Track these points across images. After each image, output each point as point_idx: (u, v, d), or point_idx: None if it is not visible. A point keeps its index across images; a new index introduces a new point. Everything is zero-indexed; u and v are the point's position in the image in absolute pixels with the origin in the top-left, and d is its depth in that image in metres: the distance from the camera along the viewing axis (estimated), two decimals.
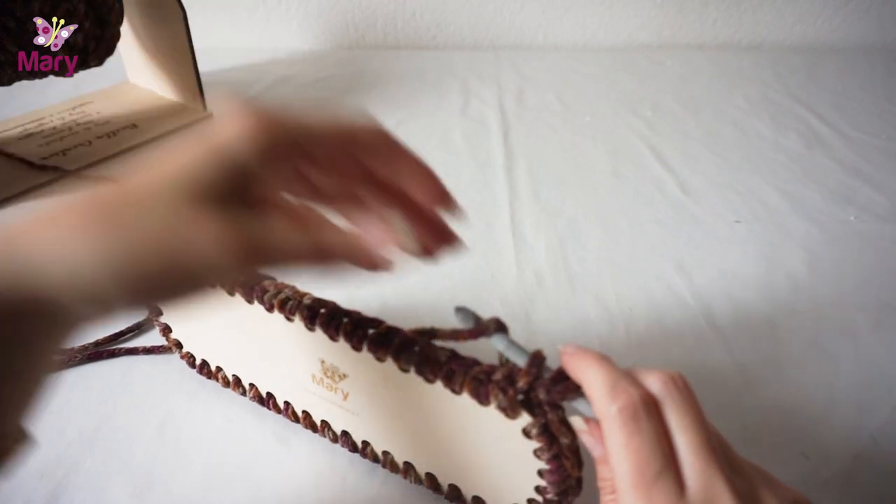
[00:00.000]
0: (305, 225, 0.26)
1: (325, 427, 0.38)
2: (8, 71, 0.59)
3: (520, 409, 0.28)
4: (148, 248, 0.22)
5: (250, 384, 0.40)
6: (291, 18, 1.01)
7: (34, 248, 0.22)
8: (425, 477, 0.36)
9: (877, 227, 0.59)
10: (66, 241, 0.22)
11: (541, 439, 0.28)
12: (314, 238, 0.26)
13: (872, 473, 0.38)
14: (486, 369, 0.29)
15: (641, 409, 0.25)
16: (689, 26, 1.02)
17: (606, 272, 0.54)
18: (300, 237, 0.25)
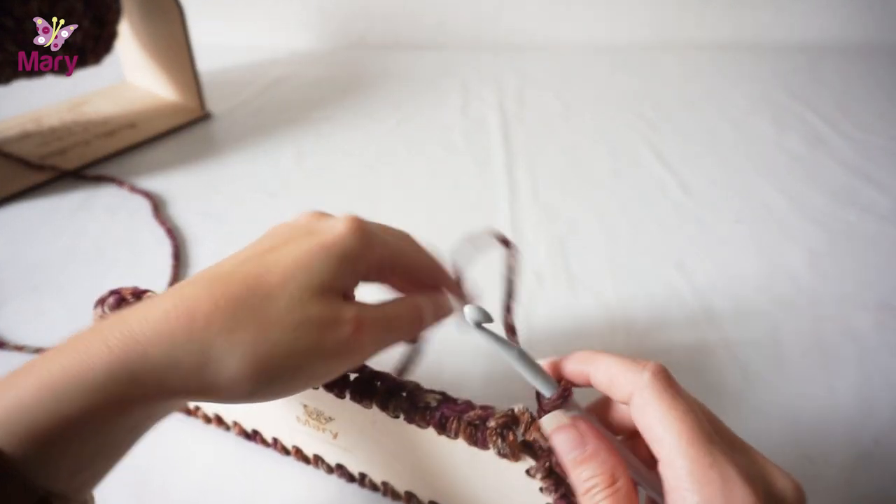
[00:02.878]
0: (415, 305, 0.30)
1: (318, 460, 0.37)
2: (7, 70, 0.59)
3: (521, 454, 0.27)
4: (289, 346, 0.25)
5: (234, 422, 0.39)
6: (291, 18, 1.01)
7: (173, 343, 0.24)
8: (404, 494, 0.35)
9: (878, 227, 0.59)
10: (214, 347, 0.24)
11: (547, 481, 0.27)
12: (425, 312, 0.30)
13: (875, 474, 0.38)
14: (481, 414, 0.28)
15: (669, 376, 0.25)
16: (690, 26, 1.02)
17: (606, 272, 0.54)
18: (416, 313, 0.30)
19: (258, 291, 0.25)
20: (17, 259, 0.55)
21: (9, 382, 0.23)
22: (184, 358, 0.24)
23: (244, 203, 0.62)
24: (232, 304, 0.25)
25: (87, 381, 0.23)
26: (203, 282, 0.26)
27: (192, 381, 0.24)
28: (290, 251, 0.27)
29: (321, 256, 0.27)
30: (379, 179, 0.67)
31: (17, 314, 0.49)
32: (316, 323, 0.26)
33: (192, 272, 0.53)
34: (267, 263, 0.27)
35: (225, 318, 0.24)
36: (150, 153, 0.70)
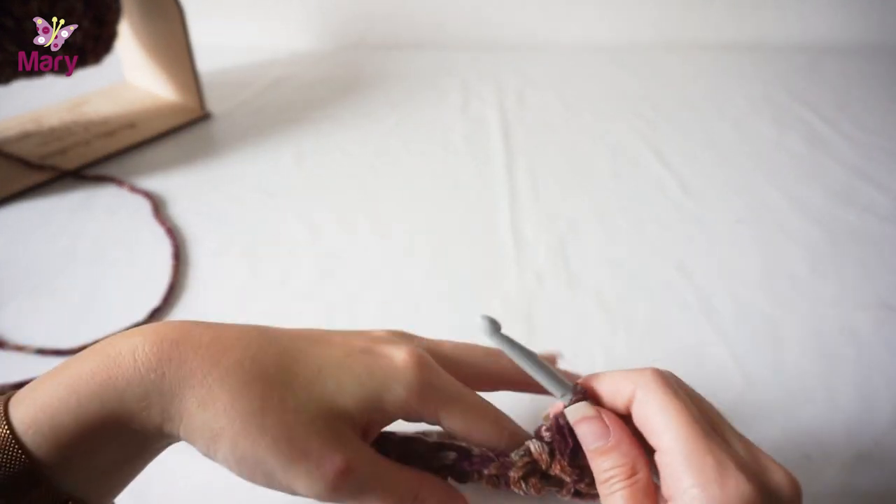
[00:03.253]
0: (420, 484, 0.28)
1: None
2: (7, 70, 0.59)
3: (545, 488, 0.27)
4: (272, 440, 0.24)
5: None
6: (291, 18, 1.01)
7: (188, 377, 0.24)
8: None
9: (878, 227, 0.59)
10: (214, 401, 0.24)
11: (574, 500, 0.27)
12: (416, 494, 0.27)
13: (874, 474, 0.38)
14: (500, 465, 0.28)
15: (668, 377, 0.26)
16: (690, 26, 1.01)
17: (606, 272, 0.54)
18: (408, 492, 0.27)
19: (283, 376, 0.25)
20: (17, 259, 0.55)
21: (43, 382, 0.24)
22: (189, 398, 0.24)
23: (244, 203, 0.62)
24: (254, 371, 0.25)
25: (109, 389, 0.23)
26: (246, 335, 0.26)
27: (186, 421, 0.24)
28: (336, 355, 0.27)
29: (361, 379, 0.26)
30: (379, 179, 0.67)
31: (17, 314, 0.49)
32: (304, 443, 0.24)
33: (192, 272, 0.54)
34: (308, 353, 0.26)
35: (239, 381, 0.24)
36: (150, 153, 0.70)
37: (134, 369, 0.24)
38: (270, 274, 0.53)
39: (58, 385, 0.23)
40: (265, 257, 0.55)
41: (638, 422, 0.25)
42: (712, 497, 0.22)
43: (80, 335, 0.47)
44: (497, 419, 0.29)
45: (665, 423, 0.24)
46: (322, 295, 0.51)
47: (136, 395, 0.24)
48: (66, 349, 0.46)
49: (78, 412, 0.23)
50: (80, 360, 0.24)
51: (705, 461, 0.23)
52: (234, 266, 0.54)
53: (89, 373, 0.24)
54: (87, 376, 0.24)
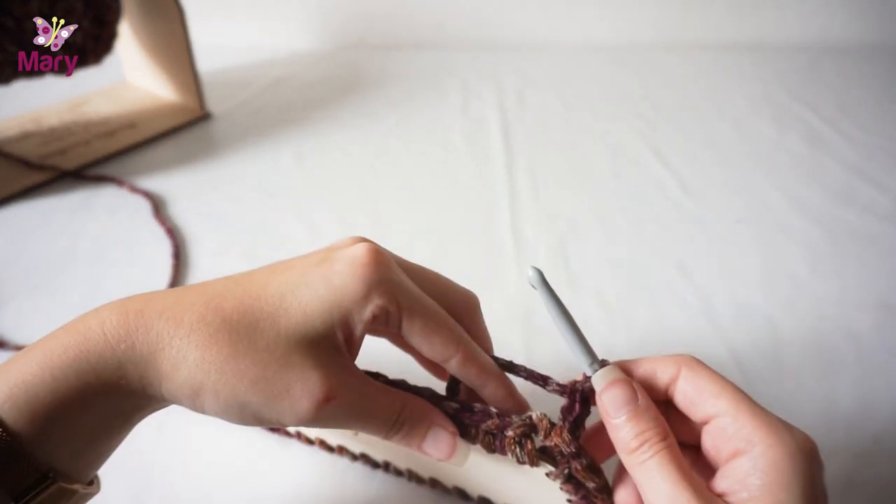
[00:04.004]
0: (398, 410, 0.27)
1: (342, 450, 0.38)
2: (7, 70, 0.59)
3: (539, 461, 0.27)
4: (251, 383, 0.25)
5: None
6: (291, 18, 1.01)
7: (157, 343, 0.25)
8: (453, 489, 0.36)
9: (878, 227, 0.59)
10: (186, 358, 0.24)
11: (567, 485, 0.27)
12: (404, 422, 0.27)
13: (874, 473, 0.38)
14: (499, 423, 0.28)
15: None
16: (690, 26, 1.02)
17: (606, 272, 0.54)
18: (393, 415, 0.27)
19: (247, 316, 0.25)
20: (17, 259, 0.55)
21: (17, 360, 0.25)
22: (162, 361, 0.25)
23: (244, 203, 0.62)
24: (218, 319, 0.25)
25: (82, 363, 0.24)
26: (205, 290, 0.26)
27: (165, 383, 0.25)
28: (292, 275, 0.27)
29: (319, 291, 0.26)
30: (379, 179, 0.67)
31: (18, 314, 0.49)
32: (283, 378, 0.25)
33: (192, 272, 0.54)
34: (268, 283, 0.26)
35: (206, 332, 0.25)
36: (150, 153, 0.70)
37: (104, 342, 0.24)
38: None
39: (30, 361, 0.24)
40: (265, 257, 0.55)
41: (686, 397, 0.26)
42: (787, 444, 0.23)
43: None
44: (455, 334, 0.28)
45: (719, 391, 0.25)
46: None
47: (110, 367, 0.24)
48: None
49: (53, 386, 0.23)
50: (51, 337, 0.25)
51: (770, 418, 0.24)
52: (234, 266, 0.54)
53: (61, 348, 0.24)
54: (59, 351, 0.24)
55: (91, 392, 0.24)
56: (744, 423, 0.24)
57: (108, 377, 0.24)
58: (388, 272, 0.27)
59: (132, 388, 0.25)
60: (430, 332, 0.28)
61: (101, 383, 0.24)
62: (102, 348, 0.24)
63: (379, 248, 0.28)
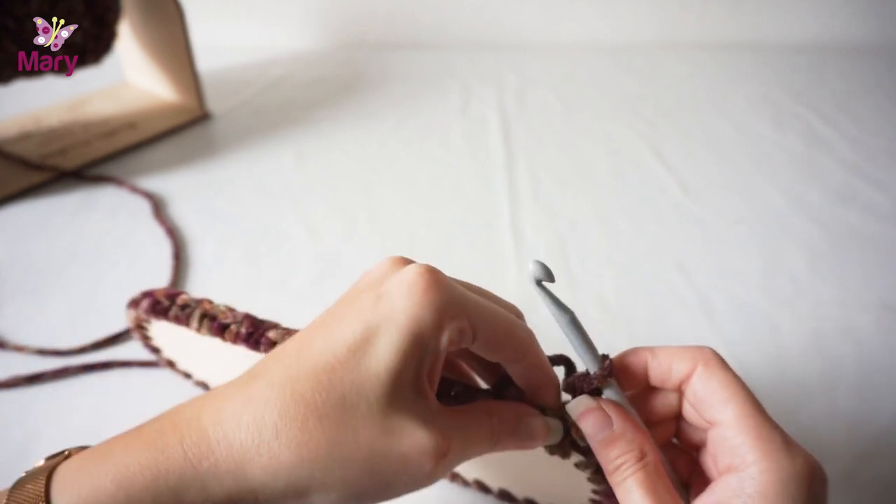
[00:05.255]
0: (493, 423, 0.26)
1: None
2: (7, 70, 0.59)
3: (570, 451, 0.27)
4: (361, 469, 0.23)
5: None
6: (291, 18, 1.01)
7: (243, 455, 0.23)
8: (473, 482, 0.36)
9: (878, 227, 0.59)
10: (282, 462, 0.22)
11: (595, 476, 0.27)
12: (499, 431, 0.26)
13: (874, 474, 0.38)
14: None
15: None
16: (690, 26, 1.01)
17: (606, 272, 0.54)
18: (490, 431, 0.26)
19: (331, 395, 0.23)
20: (17, 259, 0.55)
21: (87, 469, 0.23)
22: (252, 470, 0.23)
23: (244, 203, 0.62)
24: (302, 409, 0.23)
25: (160, 484, 0.22)
26: (273, 378, 0.24)
27: (261, 492, 0.23)
28: (354, 326, 0.24)
29: (392, 337, 0.23)
30: (379, 179, 0.66)
31: (18, 314, 0.49)
32: (395, 452, 0.23)
33: (192, 272, 0.54)
34: (335, 349, 0.24)
35: (295, 427, 0.22)
36: (150, 153, 0.70)
37: (185, 460, 0.22)
38: (270, 274, 0.53)
39: (103, 475, 0.22)
40: (265, 257, 0.55)
41: (696, 396, 0.26)
42: (783, 469, 0.22)
43: (80, 335, 0.47)
44: (528, 336, 0.27)
45: (729, 397, 0.24)
46: (322, 295, 0.51)
47: (193, 489, 0.22)
48: (66, 349, 0.46)
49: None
50: (126, 448, 0.23)
51: (773, 436, 0.23)
52: (234, 266, 0.54)
53: (138, 466, 0.22)
54: (136, 470, 0.22)
55: None
56: (744, 439, 0.23)
57: (190, 499, 0.22)
58: (451, 290, 0.25)
59: (220, 498, 0.23)
60: (503, 340, 0.26)
61: (179, 502, 0.22)
62: (183, 468, 0.22)
63: (430, 267, 0.25)
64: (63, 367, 0.44)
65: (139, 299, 0.33)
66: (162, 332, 0.36)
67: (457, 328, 0.24)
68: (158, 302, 0.32)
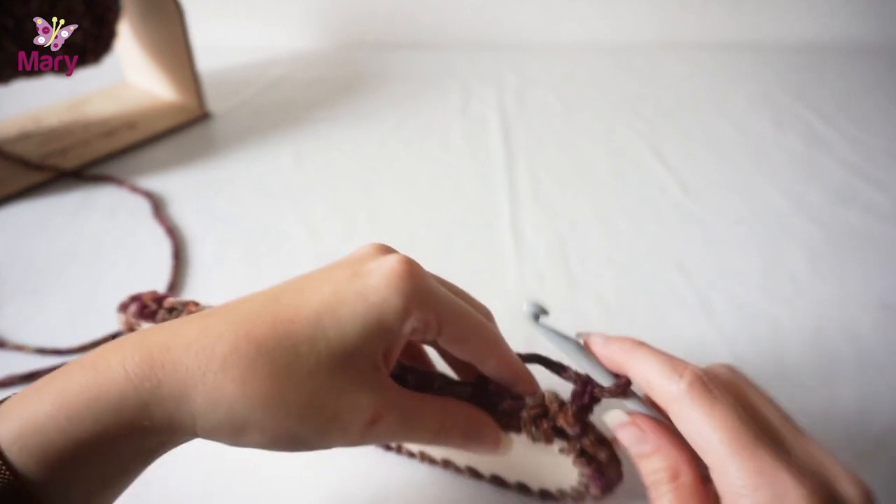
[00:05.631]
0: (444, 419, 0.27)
1: None
2: (7, 70, 0.59)
3: (553, 437, 0.28)
4: (299, 413, 0.24)
5: None
6: (291, 17, 1.01)
7: (187, 381, 0.23)
8: (465, 468, 0.36)
9: (878, 227, 0.59)
10: (224, 394, 0.23)
11: (579, 460, 0.28)
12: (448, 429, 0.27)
13: (874, 473, 0.38)
14: (513, 405, 0.29)
15: (708, 380, 0.25)
16: (690, 26, 1.02)
17: (606, 272, 0.54)
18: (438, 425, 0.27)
19: (284, 342, 0.24)
20: (16, 259, 0.55)
21: (29, 397, 0.23)
22: (194, 396, 0.23)
23: (244, 203, 0.62)
24: (253, 349, 0.23)
25: (101, 403, 0.22)
26: (231, 317, 0.25)
27: (200, 421, 0.23)
28: (325, 292, 0.25)
29: (357, 309, 0.24)
30: (379, 179, 0.66)
31: (17, 314, 0.49)
32: (332, 405, 0.24)
33: (192, 272, 0.54)
34: (300, 303, 0.25)
35: (242, 364, 0.23)
36: (150, 153, 0.70)
37: (126, 381, 0.23)
38: (270, 274, 0.53)
39: (44, 400, 0.22)
40: (265, 257, 0.55)
41: (680, 428, 0.25)
42: (762, 500, 0.22)
43: (80, 335, 0.47)
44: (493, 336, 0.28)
45: (707, 442, 0.23)
46: None
47: (133, 408, 0.22)
48: (66, 349, 0.46)
49: (68, 428, 0.22)
50: (67, 374, 0.23)
51: (757, 481, 0.22)
52: (234, 266, 0.54)
53: (78, 388, 0.22)
54: (76, 391, 0.22)
55: (109, 435, 0.22)
56: (733, 479, 0.22)
57: (130, 419, 0.22)
58: (424, 282, 0.26)
59: (157, 428, 0.23)
60: (469, 337, 0.27)
61: (122, 425, 0.22)
62: (124, 387, 0.22)
63: (410, 259, 0.26)
64: (59, 364, 0.44)
65: (127, 303, 0.33)
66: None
67: (422, 319, 0.25)
68: (146, 306, 0.33)
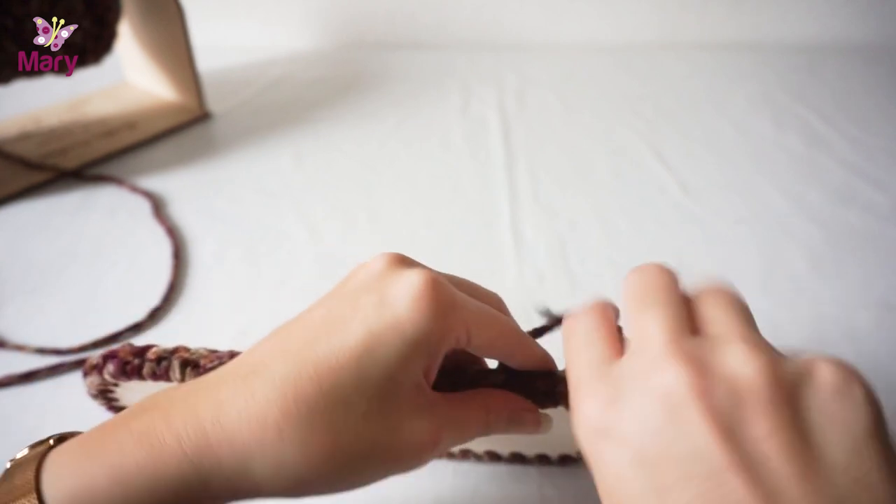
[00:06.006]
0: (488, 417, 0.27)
1: None
2: (7, 70, 0.59)
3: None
4: (363, 461, 0.24)
5: None
6: (291, 18, 1.01)
7: (245, 453, 0.23)
8: (484, 454, 0.36)
9: (878, 227, 0.59)
10: (286, 460, 0.23)
11: None
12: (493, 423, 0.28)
13: None
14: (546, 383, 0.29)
15: (580, 312, 0.26)
16: (690, 26, 1.02)
17: (606, 272, 0.54)
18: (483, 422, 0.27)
19: (332, 396, 0.23)
20: (16, 259, 0.55)
21: (79, 462, 0.22)
22: (257, 469, 0.23)
23: (244, 203, 0.62)
24: (304, 410, 0.23)
25: (160, 482, 0.22)
26: (272, 376, 0.24)
27: (265, 487, 0.23)
28: (360, 334, 0.24)
29: (395, 343, 0.24)
30: (379, 179, 0.67)
31: (17, 314, 0.49)
32: (394, 445, 0.24)
33: (192, 272, 0.53)
34: (336, 349, 0.24)
35: (298, 426, 0.23)
36: (150, 153, 0.70)
37: (185, 460, 0.22)
38: (270, 274, 0.53)
39: (96, 473, 0.22)
40: (265, 257, 0.55)
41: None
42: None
43: (80, 335, 0.47)
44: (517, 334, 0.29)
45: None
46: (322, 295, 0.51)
47: (193, 486, 0.22)
48: (65, 349, 0.46)
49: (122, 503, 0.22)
50: (118, 445, 0.22)
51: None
52: (234, 266, 0.54)
53: (135, 466, 0.22)
54: (132, 470, 0.22)
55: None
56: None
57: (189, 496, 0.22)
58: (451, 298, 0.26)
59: (217, 496, 0.23)
60: (495, 340, 0.27)
61: (180, 500, 0.22)
62: (185, 470, 0.22)
63: (432, 274, 0.26)
64: (58, 364, 0.44)
65: (100, 364, 0.30)
66: (131, 391, 0.32)
67: (455, 336, 0.26)
68: (127, 362, 0.29)
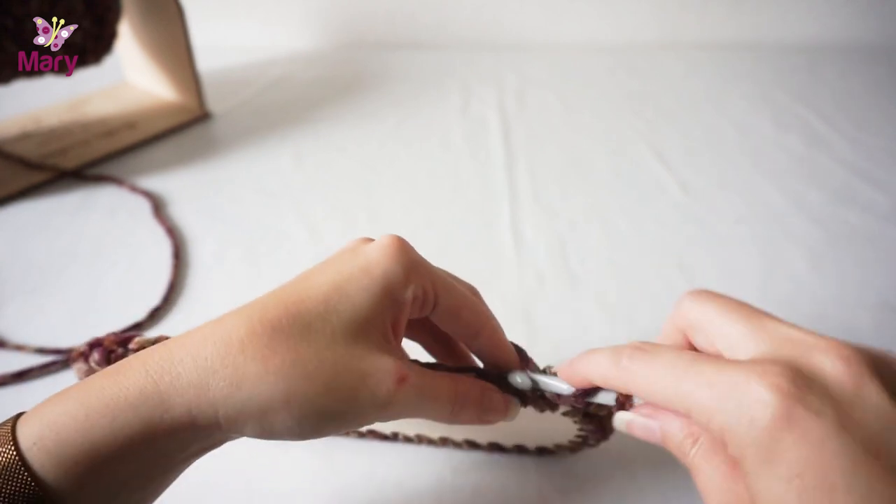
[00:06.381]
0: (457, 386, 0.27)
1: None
2: (7, 70, 0.59)
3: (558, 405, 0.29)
4: (324, 384, 0.24)
5: None
6: (291, 18, 1.01)
7: (206, 368, 0.23)
8: (463, 442, 0.37)
9: (878, 227, 0.59)
10: (247, 374, 0.23)
11: (582, 422, 0.31)
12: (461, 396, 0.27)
13: None
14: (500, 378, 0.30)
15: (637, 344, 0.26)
16: (690, 26, 1.02)
17: (606, 272, 0.54)
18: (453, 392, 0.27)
19: (298, 320, 0.24)
20: (16, 259, 0.55)
21: (51, 401, 0.23)
22: (215, 382, 0.23)
23: (244, 203, 0.62)
24: (269, 329, 0.24)
25: (120, 401, 0.22)
26: (242, 309, 0.25)
27: (223, 409, 0.23)
28: (329, 275, 0.26)
29: (362, 282, 0.25)
30: (379, 179, 0.67)
31: (17, 314, 0.49)
32: (356, 368, 0.24)
33: (192, 272, 0.54)
34: (307, 287, 0.25)
35: (261, 343, 0.23)
36: (150, 153, 0.70)
37: (145, 377, 0.22)
38: (270, 274, 0.53)
39: (65, 403, 0.22)
40: (265, 257, 0.55)
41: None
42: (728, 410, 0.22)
43: (80, 335, 0.47)
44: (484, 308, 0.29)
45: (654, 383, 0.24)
46: None
47: (152, 402, 0.22)
48: (65, 349, 0.46)
49: (86, 427, 0.21)
50: (90, 380, 0.23)
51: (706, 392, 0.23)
52: (234, 266, 0.54)
53: (98, 389, 0.22)
54: (95, 392, 0.22)
55: (128, 436, 0.22)
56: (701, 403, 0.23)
57: (149, 415, 0.22)
58: (417, 255, 0.28)
59: (177, 424, 0.22)
60: (461, 308, 0.28)
61: (141, 423, 0.22)
62: (143, 384, 0.22)
63: (400, 237, 0.28)
64: (51, 361, 0.44)
65: (86, 351, 0.30)
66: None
67: (420, 286, 0.27)
68: (111, 350, 0.30)
